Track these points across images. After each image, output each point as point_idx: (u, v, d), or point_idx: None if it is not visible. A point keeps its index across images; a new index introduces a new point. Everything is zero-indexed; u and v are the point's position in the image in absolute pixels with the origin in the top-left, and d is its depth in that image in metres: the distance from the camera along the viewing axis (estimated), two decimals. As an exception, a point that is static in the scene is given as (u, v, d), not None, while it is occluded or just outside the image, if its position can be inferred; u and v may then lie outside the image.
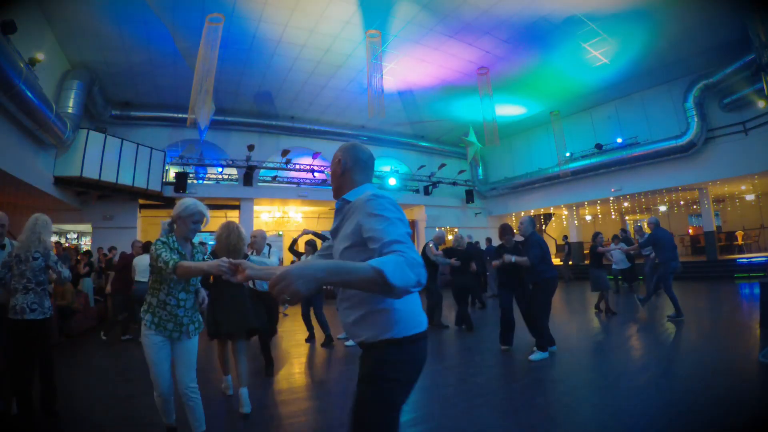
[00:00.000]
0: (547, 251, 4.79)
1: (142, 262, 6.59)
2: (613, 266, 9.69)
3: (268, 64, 10.65)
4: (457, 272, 6.35)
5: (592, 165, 14.29)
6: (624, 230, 12.17)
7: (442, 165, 16.62)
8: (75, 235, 14.58)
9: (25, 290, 3.12)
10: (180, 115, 11.92)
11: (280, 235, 15.95)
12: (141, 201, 12.00)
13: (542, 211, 17.90)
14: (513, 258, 4.78)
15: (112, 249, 10.07)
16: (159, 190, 11.33)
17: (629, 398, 3.27)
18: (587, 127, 14.87)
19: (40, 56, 7.48)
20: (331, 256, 1.64)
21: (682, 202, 16.46)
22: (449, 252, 6.49)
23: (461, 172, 17.16)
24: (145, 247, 6.82)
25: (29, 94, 6.79)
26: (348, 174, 1.58)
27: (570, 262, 14.86)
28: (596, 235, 7.74)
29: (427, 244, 6.84)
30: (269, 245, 4.92)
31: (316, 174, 14.65)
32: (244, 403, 3.32)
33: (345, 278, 1.15)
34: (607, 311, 7.22)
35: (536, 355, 4.62)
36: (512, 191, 17.36)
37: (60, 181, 9.30)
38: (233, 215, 13.50)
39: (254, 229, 4.82)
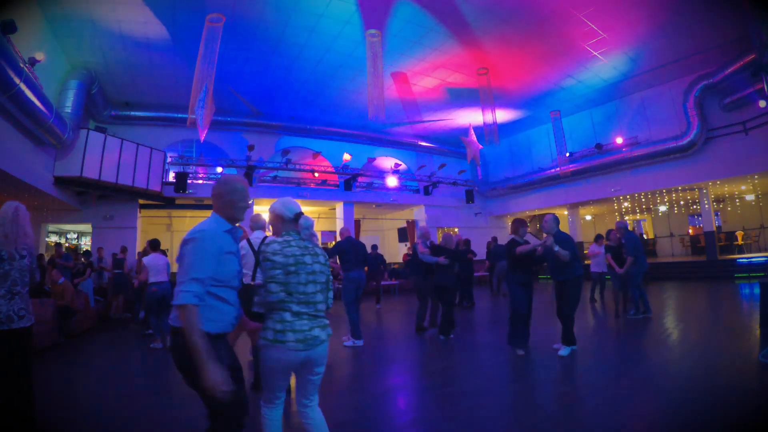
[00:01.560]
0: (575, 249, 4.84)
1: (155, 262, 6.05)
2: (592, 268, 8.49)
3: (268, 64, 10.65)
4: (440, 271, 6.27)
5: (592, 165, 14.28)
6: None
7: (442, 165, 16.61)
8: (75, 235, 14.59)
9: (9, 295, 2.61)
10: (180, 115, 11.93)
11: None
12: (141, 201, 12.01)
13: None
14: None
15: (124, 249, 10.10)
16: (159, 190, 11.33)
17: (629, 398, 3.27)
18: (587, 127, 14.88)
19: (40, 56, 7.47)
20: None
21: (682, 202, 16.43)
22: (437, 250, 6.37)
23: (461, 172, 17.15)
24: (153, 245, 6.38)
25: (29, 94, 6.79)
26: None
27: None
28: (609, 232, 7.48)
29: (416, 243, 6.74)
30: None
31: (316, 174, 14.64)
32: None
33: None
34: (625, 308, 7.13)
35: (563, 350, 4.66)
36: (512, 191, 17.35)
37: (60, 181, 9.29)
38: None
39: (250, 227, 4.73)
